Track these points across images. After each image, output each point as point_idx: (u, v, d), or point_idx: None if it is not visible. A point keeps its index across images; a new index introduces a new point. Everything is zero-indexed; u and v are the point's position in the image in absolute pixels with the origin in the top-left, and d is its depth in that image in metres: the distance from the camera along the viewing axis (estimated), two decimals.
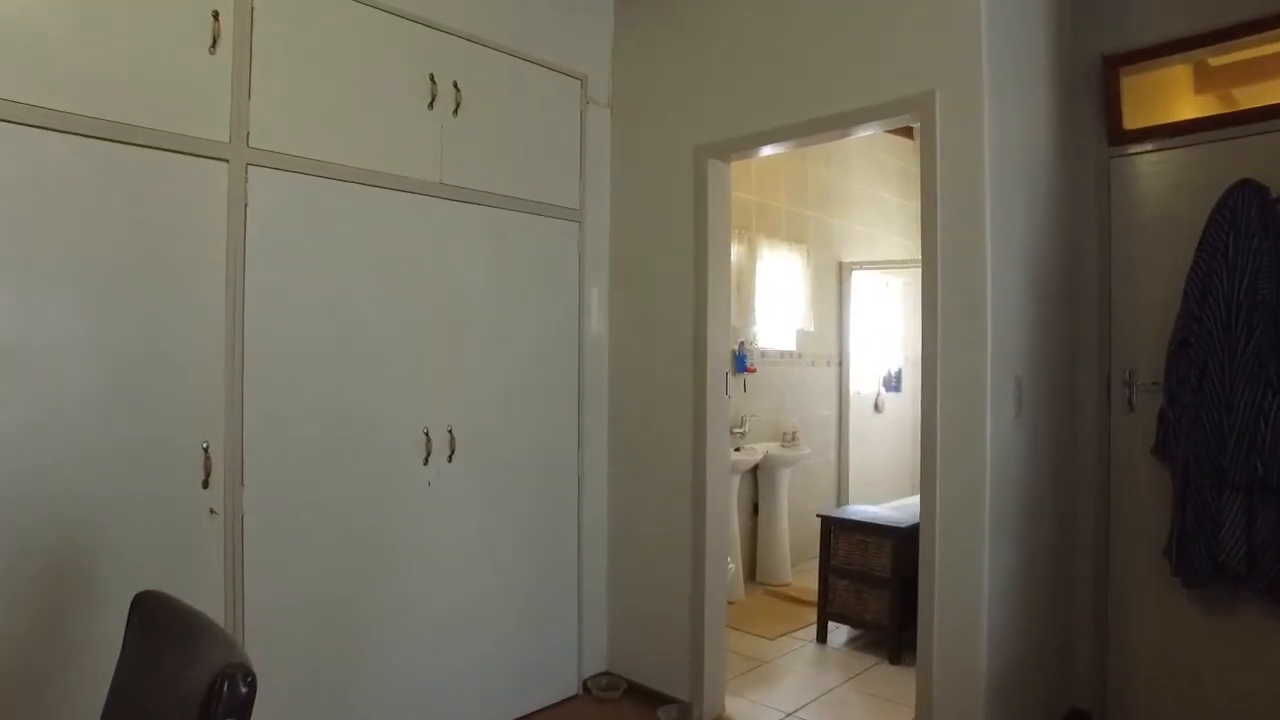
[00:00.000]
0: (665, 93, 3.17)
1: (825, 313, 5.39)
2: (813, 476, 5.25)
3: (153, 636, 1.20)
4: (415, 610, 2.60)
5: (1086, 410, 2.88)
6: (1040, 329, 2.63)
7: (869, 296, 5.72)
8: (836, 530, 3.76)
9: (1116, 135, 2.81)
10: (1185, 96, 3.10)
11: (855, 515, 3.83)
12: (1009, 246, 2.44)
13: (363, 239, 2.48)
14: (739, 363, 4.54)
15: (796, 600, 4.36)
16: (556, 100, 3.10)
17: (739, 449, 4.42)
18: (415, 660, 2.60)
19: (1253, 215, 2.44)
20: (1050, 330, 2.70)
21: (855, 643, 3.78)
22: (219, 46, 2.14)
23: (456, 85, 2.69)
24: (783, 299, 4.89)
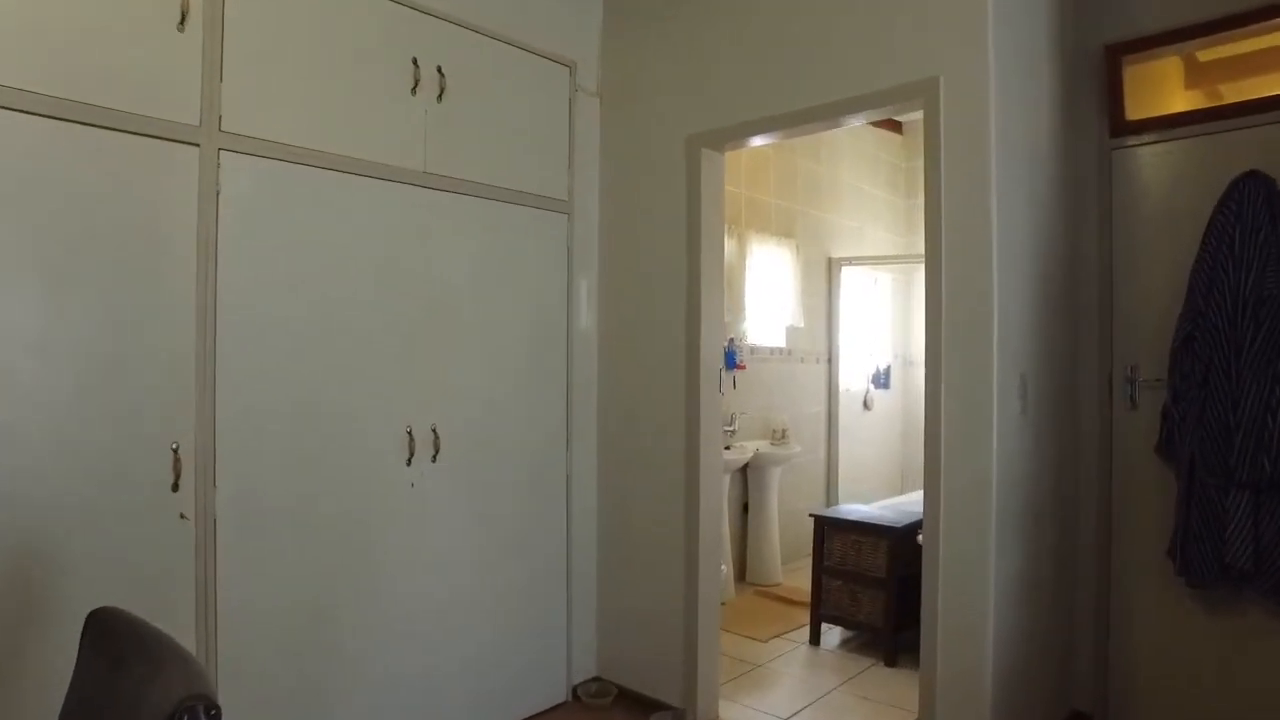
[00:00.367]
0: (657, 80, 3.07)
1: (815, 308, 5.32)
2: (802, 475, 5.18)
3: (107, 659, 1.09)
4: (398, 617, 2.50)
5: (1088, 407, 2.82)
6: (1043, 324, 2.57)
7: (858, 292, 5.66)
8: (830, 530, 3.70)
9: (1119, 126, 2.75)
10: (1177, 92, 3.05)
11: (850, 515, 3.76)
12: (1013, 239, 2.37)
13: (342, 229, 2.36)
14: (729, 359, 4.45)
15: (788, 601, 4.29)
16: (544, 88, 3.00)
17: (729, 447, 4.35)
18: (399, 668, 2.50)
19: (1260, 208, 2.39)
20: (1052, 325, 2.64)
21: (849, 644, 3.71)
22: (188, 23, 2.01)
23: (440, 70, 2.58)
24: (772, 295, 4.81)
